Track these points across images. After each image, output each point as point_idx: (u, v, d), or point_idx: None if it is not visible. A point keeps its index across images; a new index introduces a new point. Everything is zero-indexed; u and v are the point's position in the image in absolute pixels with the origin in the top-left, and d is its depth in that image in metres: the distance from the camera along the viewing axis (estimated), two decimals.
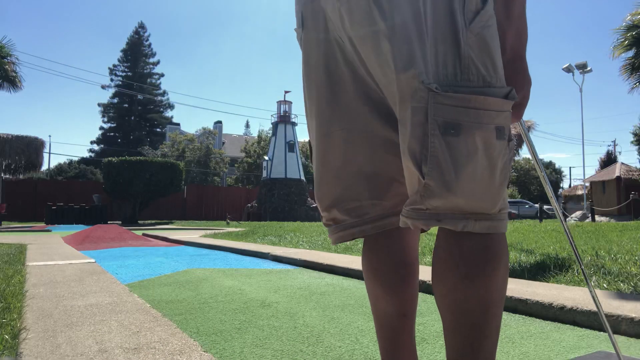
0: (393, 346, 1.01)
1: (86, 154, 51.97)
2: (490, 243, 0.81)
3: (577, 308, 2.06)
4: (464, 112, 0.76)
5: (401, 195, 0.97)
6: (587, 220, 15.35)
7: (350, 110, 0.95)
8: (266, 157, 24.96)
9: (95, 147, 53.00)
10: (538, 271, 3.08)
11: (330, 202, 1.00)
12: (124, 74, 53.70)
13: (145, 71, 54.55)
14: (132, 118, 53.59)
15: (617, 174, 20.57)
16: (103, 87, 52.56)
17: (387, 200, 0.97)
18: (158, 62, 55.85)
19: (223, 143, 44.24)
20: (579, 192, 29.25)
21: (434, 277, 0.86)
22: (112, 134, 53.91)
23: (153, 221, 20.94)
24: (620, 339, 1.83)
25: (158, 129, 54.11)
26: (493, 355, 0.83)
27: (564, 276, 2.88)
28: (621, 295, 2.31)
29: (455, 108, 0.76)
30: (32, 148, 16.48)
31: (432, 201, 0.78)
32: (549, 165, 50.84)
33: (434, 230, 0.98)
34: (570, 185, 45.55)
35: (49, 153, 41.12)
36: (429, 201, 0.78)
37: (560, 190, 45.74)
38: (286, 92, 25.30)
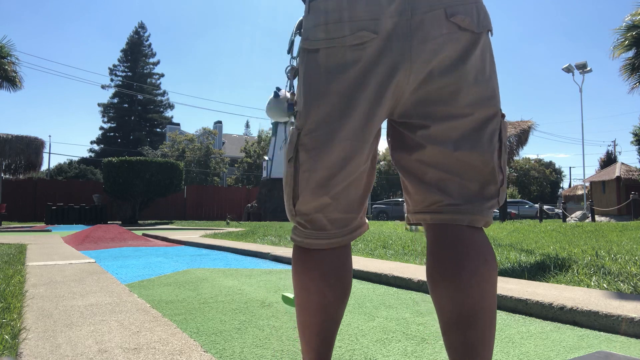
0: (327, 348, 1.02)
1: (86, 154, 51.90)
2: (484, 236, 0.93)
3: (577, 308, 2.06)
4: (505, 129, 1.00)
5: (365, 208, 1.06)
6: (587, 220, 15.34)
7: (359, 123, 0.92)
8: (266, 157, 24.95)
9: (95, 147, 52.94)
10: (538, 271, 3.08)
11: (316, 207, 0.96)
12: (124, 74, 53.65)
13: (145, 71, 54.49)
14: (132, 118, 53.52)
15: (617, 174, 20.55)
16: (103, 87, 52.40)
17: (360, 212, 1.04)
18: (158, 62, 55.77)
19: (223, 143, 44.22)
20: (579, 192, 29.21)
21: (443, 275, 0.90)
22: (112, 134, 53.84)
23: (153, 221, 20.93)
24: (620, 339, 1.83)
25: (158, 129, 54.04)
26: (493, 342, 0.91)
27: (564, 276, 2.88)
28: (621, 295, 2.31)
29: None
30: (32, 148, 16.41)
31: (503, 196, 0.95)
32: (549, 165, 50.79)
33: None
34: (570, 185, 45.52)
35: (49, 153, 41.04)
36: (502, 196, 0.95)
37: (560, 190, 45.73)
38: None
